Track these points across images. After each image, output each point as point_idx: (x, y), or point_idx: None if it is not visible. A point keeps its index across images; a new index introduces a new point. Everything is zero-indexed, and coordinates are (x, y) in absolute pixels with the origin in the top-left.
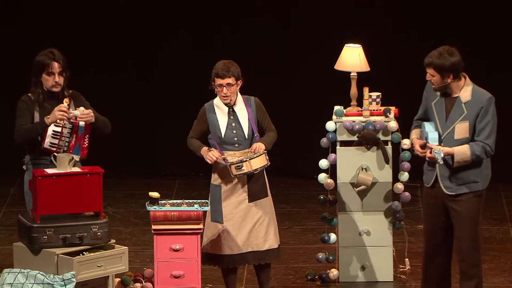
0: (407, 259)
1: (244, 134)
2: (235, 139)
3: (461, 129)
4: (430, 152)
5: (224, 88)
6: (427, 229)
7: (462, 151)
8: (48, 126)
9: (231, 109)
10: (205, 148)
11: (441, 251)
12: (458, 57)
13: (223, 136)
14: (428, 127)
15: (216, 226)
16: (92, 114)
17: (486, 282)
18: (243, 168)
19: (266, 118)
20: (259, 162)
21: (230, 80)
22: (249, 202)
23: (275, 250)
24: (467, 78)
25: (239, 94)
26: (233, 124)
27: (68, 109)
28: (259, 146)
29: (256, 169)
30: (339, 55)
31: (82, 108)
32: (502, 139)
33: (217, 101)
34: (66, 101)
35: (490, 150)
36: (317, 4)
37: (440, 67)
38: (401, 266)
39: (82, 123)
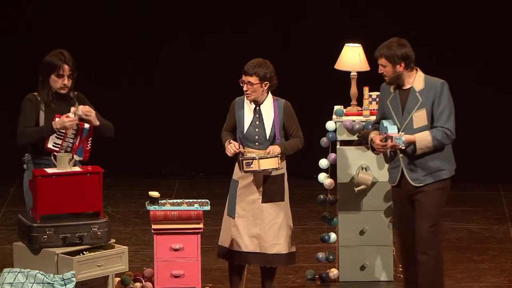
0: None
1: (266, 134)
2: (256, 137)
3: (419, 117)
4: (392, 141)
5: (245, 85)
6: (399, 226)
7: (423, 137)
8: (55, 132)
9: (257, 107)
10: (227, 142)
11: (413, 247)
12: (409, 47)
13: (244, 132)
14: (387, 123)
15: (230, 221)
16: (93, 110)
17: (486, 282)
18: (252, 165)
19: (294, 123)
20: (269, 163)
21: (252, 79)
22: (262, 202)
23: (282, 256)
24: (419, 70)
25: (270, 94)
26: (257, 123)
27: (74, 119)
28: (274, 149)
29: (264, 170)
30: (339, 55)
31: (80, 106)
32: (503, 139)
33: None
34: (73, 110)
35: (451, 134)
36: (317, 3)
37: (391, 55)
38: (401, 265)
39: (87, 126)
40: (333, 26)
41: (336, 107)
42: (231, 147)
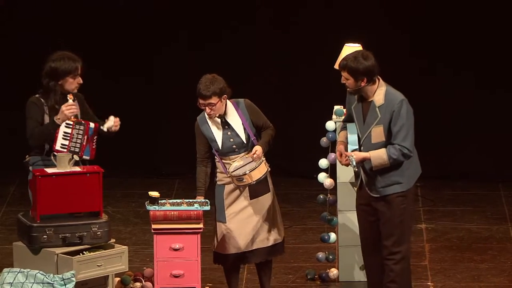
0: None
1: (242, 140)
2: (234, 146)
3: (377, 133)
4: (346, 159)
5: (207, 108)
6: (360, 229)
7: (379, 155)
8: (60, 125)
9: (223, 119)
10: (198, 193)
11: (378, 248)
12: (373, 60)
13: (221, 148)
14: (350, 129)
15: (220, 226)
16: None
17: (486, 282)
18: (244, 180)
19: (261, 117)
20: (259, 172)
21: (212, 100)
22: (250, 199)
23: (279, 244)
24: (380, 81)
25: (228, 102)
26: (229, 133)
27: (74, 104)
28: (259, 150)
29: (257, 179)
30: (339, 55)
31: (112, 118)
32: (503, 139)
33: None
34: (70, 97)
35: (408, 152)
36: (317, 3)
37: (354, 70)
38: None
39: (92, 125)
40: (333, 26)
41: (336, 107)
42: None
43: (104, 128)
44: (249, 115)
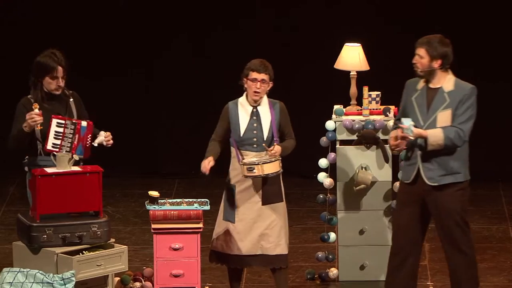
0: None
1: (264, 136)
2: (254, 139)
3: (443, 117)
4: (402, 132)
5: (259, 83)
6: (400, 226)
7: (435, 133)
8: (27, 132)
9: (255, 109)
10: (205, 160)
11: (412, 251)
12: (450, 48)
13: (241, 135)
14: (403, 119)
15: (227, 225)
16: (110, 135)
17: (486, 281)
18: (254, 170)
19: (288, 125)
20: (272, 167)
21: (266, 77)
22: (262, 204)
23: (283, 257)
24: (451, 73)
25: (265, 97)
26: (255, 125)
27: (39, 114)
28: (278, 149)
29: (267, 174)
30: (338, 54)
31: (102, 133)
32: (503, 139)
33: (242, 99)
34: (35, 106)
35: (463, 136)
36: (317, 3)
37: (433, 49)
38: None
39: (84, 123)
40: (333, 25)
41: (335, 107)
42: (203, 165)
43: (95, 143)
44: (279, 117)
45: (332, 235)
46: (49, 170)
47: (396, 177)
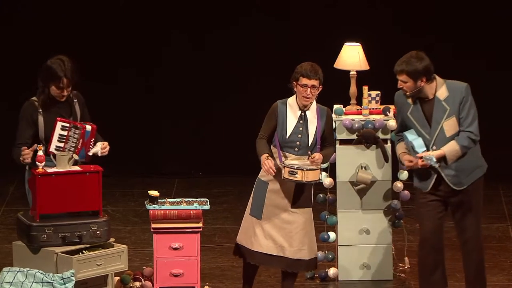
0: (406, 258)
1: (308, 141)
2: (298, 143)
3: (450, 125)
4: (422, 160)
5: (309, 89)
6: (428, 229)
7: (451, 148)
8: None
9: (303, 113)
10: (264, 156)
11: (439, 249)
12: (428, 59)
13: (287, 137)
14: (410, 136)
15: (253, 221)
16: (107, 145)
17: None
18: (296, 175)
19: (331, 133)
20: (314, 175)
21: (316, 83)
22: (291, 207)
23: (304, 262)
24: (437, 78)
25: (314, 102)
26: (301, 128)
27: (27, 153)
28: (320, 157)
29: (308, 181)
30: (338, 54)
31: (99, 144)
32: (502, 139)
33: (291, 100)
34: (39, 148)
35: (475, 137)
36: (316, 2)
37: (413, 72)
38: (400, 264)
39: (88, 128)
40: (332, 25)
41: (335, 106)
42: (268, 166)
43: (90, 153)
44: (325, 125)
45: (332, 235)
46: (49, 169)
47: (395, 177)
